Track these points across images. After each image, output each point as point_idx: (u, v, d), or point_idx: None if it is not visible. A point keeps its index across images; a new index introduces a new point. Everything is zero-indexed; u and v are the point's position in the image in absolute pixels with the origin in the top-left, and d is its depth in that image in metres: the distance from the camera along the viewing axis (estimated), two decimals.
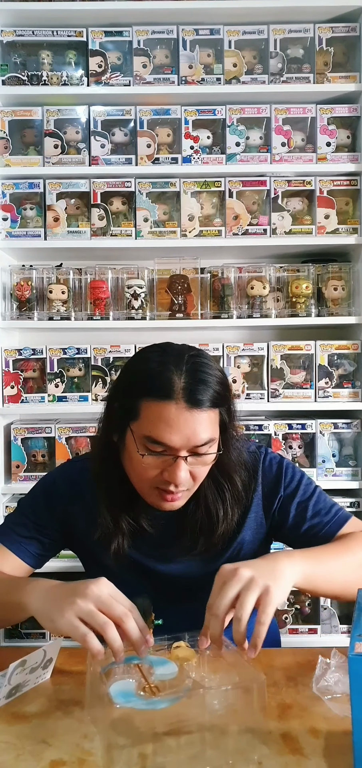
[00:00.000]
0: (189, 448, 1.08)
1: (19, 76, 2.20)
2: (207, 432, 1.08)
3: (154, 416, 1.07)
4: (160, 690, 0.89)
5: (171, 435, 1.06)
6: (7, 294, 2.24)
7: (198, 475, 1.13)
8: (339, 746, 0.85)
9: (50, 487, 1.28)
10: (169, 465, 1.08)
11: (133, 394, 1.10)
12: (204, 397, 1.07)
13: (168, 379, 1.06)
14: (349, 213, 2.25)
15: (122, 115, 2.22)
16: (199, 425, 1.07)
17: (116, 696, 0.86)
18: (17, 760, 0.84)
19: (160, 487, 1.11)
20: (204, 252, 2.29)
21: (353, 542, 1.14)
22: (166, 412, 1.06)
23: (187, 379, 1.07)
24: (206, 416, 1.08)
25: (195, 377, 1.08)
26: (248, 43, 2.22)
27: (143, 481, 1.12)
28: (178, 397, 1.06)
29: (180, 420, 1.05)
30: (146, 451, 1.08)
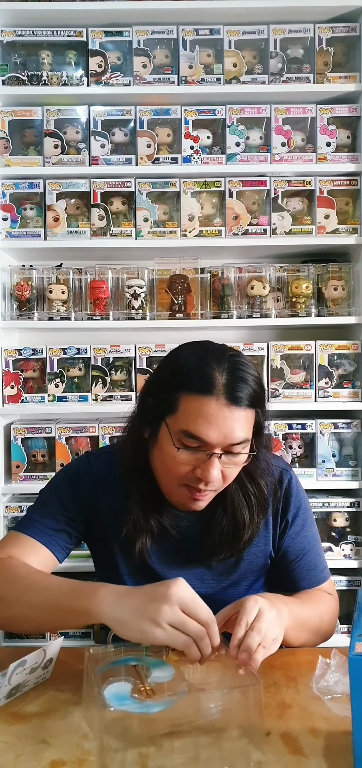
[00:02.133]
0: (225, 446, 1.07)
1: (19, 76, 2.20)
2: (244, 432, 1.08)
3: (192, 410, 1.06)
4: (156, 692, 0.89)
5: (209, 431, 1.05)
6: (7, 294, 2.24)
7: (229, 475, 1.12)
8: (339, 746, 0.85)
9: (75, 478, 1.26)
10: (203, 462, 1.07)
11: (171, 387, 1.10)
12: (244, 395, 1.07)
13: (209, 375, 1.06)
14: (349, 213, 2.25)
15: (122, 115, 2.22)
16: (238, 423, 1.07)
17: (110, 699, 0.86)
18: (17, 760, 0.84)
19: (190, 484, 1.10)
20: (204, 252, 2.29)
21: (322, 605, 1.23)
22: (205, 408, 1.05)
23: (228, 377, 1.07)
24: (244, 415, 1.08)
25: (236, 375, 1.08)
26: (248, 43, 2.22)
27: (173, 478, 1.11)
28: (218, 393, 1.05)
29: (219, 417, 1.05)
30: (181, 445, 1.07)
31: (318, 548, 1.31)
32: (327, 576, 1.30)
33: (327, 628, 1.23)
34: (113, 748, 0.82)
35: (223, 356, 1.10)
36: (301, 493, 1.30)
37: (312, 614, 1.19)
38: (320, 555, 1.30)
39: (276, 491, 1.25)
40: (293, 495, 1.26)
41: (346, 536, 2.20)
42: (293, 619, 1.08)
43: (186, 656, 0.93)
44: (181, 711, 0.85)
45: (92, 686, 0.90)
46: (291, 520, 1.25)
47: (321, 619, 1.21)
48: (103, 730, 0.83)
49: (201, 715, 0.85)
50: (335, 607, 1.29)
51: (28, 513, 1.25)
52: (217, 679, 0.94)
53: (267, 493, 1.20)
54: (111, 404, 2.21)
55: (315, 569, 1.27)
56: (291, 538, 1.26)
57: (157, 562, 1.22)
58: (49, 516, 1.21)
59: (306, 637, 1.16)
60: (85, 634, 2.21)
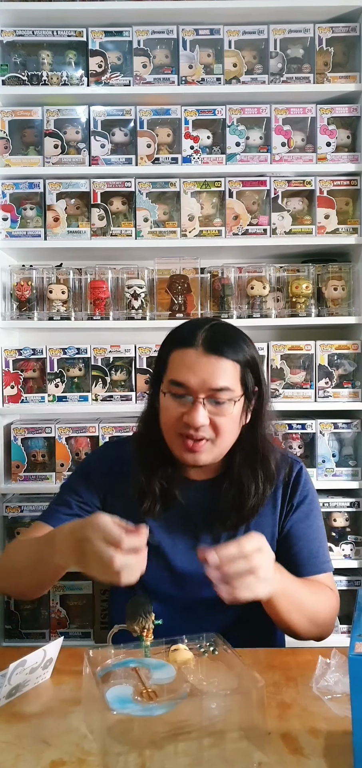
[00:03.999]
0: (206, 391, 1.18)
1: (19, 76, 2.20)
2: (224, 379, 1.19)
3: (177, 361, 1.21)
4: (158, 694, 0.89)
5: (189, 376, 1.19)
6: (7, 294, 2.24)
7: (220, 426, 1.20)
8: (339, 746, 0.85)
9: (89, 465, 1.41)
10: (189, 408, 1.19)
11: (164, 350, 1.27)
12: (222, 347, 1.20)
13: (192, 331, 1.22)
14: (349, 213, 2.25)
15: (122, 115, 2.22)
16: (216, 370, 1.19)
17: (113, 702, 0.86)
18: (17, 760, 0.84)
19: (183, 432, 1.20)
20: (204, 252, 2.29)
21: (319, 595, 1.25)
22: (187, 357, 1.20)
23: (208, 332, 1.21)
24: (223, 364, 1.20)
25: (216, 331, 1.23)
26: (248, 43, 2.21)
27: (169, 428, 1.22)
28: (198, 344, 1.20)
29: (198, 363, 1.19)
30: (169, 392, 1.21)
31: (322, 541, 1.34)
32: (328, 568, 1.32)
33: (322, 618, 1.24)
34: (115, 751, 0.82)
35: (209, 321, 1.29)
36: (310, 485, 1.36)
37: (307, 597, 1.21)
38: (323, 547, 1.33)
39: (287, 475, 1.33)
40: (301, 483, 1.34)
41: (346, 536, 2.20)
42: (286, 588, 1.13)
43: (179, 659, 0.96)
44: (183, 713, 0.85)
45: (93, 689, 0.89)
46: (296, 504, 1.32)
47: (315, 605, 1.22)
48: (105, 733, 0.83)
49: (204, 716, 0.85)
50: (334, 602, 1.29)
51: (50, 504, 1.40)
52: (219, 680, 0.94)
53: (274, 467, 1.28)
54: (111, 404, 2.21)
55: (316, 558, 1.30)
56: (295, 522, 1.31)
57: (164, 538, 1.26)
58: (64, 503, 1.34)
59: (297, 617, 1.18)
60: (84, 634, 2.21)
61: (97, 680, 0.90)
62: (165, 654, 0.99)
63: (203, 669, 0.96)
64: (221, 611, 1.16)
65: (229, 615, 1.22)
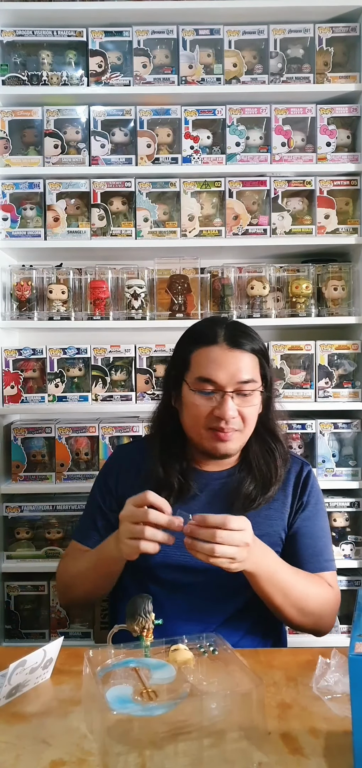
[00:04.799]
0: (234, 384, 1.27)
1: (19, 76, 2.20)
2: (249, 372, 1.28)
3: (202, 359, 1.29)
4: (158, 694, 0.89)
5: (217, 372, 1.27)
6: (7, 294, 2.24)
7: (247, 416, 1.29)
8: (339, 746, 0.85)
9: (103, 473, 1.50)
10: (218, 403, 1.27)
11: (184, 351, 1.34)
12: (244, 341, 1.29)
13: (212, 329, 1.31)
14: (349, 213, 2.25)
15: (122, 115, 2.22)
16: (242, 363, 1.28)
17: (113, 702, 0.86)
18: (17, 760, 0.84)
19: (213, 426, 1.28)
20: (204, 252, 2.29)
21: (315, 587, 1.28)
22: (212, 354, 1.28)
23: (228, 329, 1.31)
24: (247, 357, 1.29)
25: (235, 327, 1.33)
26: (248, 43, 2.21)
27: (198, 424, 1.29)
28: (221, 341, 1.28)
29: (224, 358, 1.27)
30: (198, 390, 1.28)
31: (327, 541, 1.38)
32: (331, 567, 1.35)
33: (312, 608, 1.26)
34: (115, 751, 0.82)
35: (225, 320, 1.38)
36: (318, 488, 1.43)
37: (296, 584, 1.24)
38: (327, 547, 1.37)
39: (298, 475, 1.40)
40: (310, 485, 1.40)
41: (346, 536, 2.20)
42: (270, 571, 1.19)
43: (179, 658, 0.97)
44: (183, 713, 0.85)
45: (93, 689, 0.89)
46: (305, 503, 1.37)
47: (304, 593, 1.25)
48: (105, 733, 0.83)
49: (204, 716, 0.85)
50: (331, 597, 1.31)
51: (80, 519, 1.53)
52: (219, 680, 0.94)
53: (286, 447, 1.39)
54: (111, 404, 2.21)
55: (320, 556, 1.34)
56: (303, 520, 1.36)
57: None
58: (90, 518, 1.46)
59: (282, 600, 1.22)
60: (85, 634, 2.21)
61: (97, 680, 0.90)
62: (165, 654, 0.99)
63: (203, 669, 0.96)
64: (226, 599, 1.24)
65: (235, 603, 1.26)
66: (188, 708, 0.86)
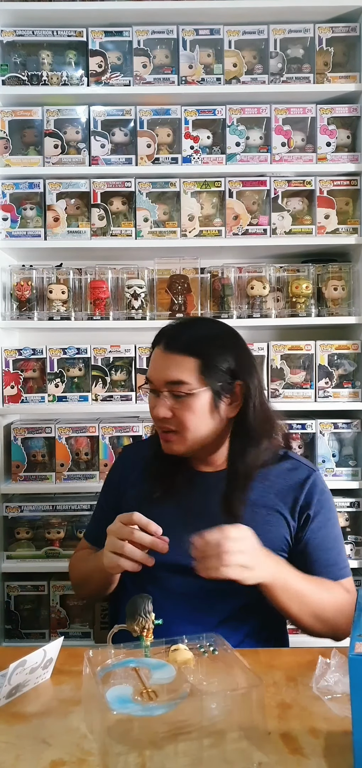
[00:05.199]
0: (163, 385, 1.27)
1: (19, 76, 2.20)
2: (177, 373, 1.26)
3: (150, 360, 1.34)
4: (158, 694, 0.88)
5: (151, 372, 1.31)
6: (7, 294, 2.24)
7: (182, 419, 1.27)
8: (339, 746, 0.85)
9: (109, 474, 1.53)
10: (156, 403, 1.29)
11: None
12: (179, 344, 1.28)
13: (162, 332, 1.33)
14: (349, 213, 2.25)
15: (122, 115, 2.22)
16: (171, 365, 1.27)
17: (113, 702, 0.86)
18: (17, 760, 0.84)
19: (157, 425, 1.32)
20: (204, 252, 2.29)
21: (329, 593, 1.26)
22: (153, 356, 1.32)
23: (171, 332, 1.31)
24: (177, 359, 1.27)
25: (181, 329, 1.33)
26: (248, 43, 2.21)
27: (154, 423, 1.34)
28: (160, 342, 1.31)
29: (157, 360, 1.30)
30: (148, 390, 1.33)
31: (340, 548, 1.35)
32: (346, 574, 1.33)
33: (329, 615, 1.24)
34: (115, 751, 0.82)
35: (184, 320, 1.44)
36: (327, 494, 1.37)
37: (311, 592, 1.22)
38: (341, 554, 1.34)
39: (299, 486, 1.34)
40: (316, 493, 1.34)
41: (346, 536, 2.20)
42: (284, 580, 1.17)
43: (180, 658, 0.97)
44: (183, 713, 0.85)
45: (93, 689, 0.89)
46: (313, 515, 1.32)
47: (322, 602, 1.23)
48: (105, 733, 0.83)
49: (204, 716, 0.85)
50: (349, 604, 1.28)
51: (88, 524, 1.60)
52: (219, 680, 0.94)
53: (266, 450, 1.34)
54: (111, 404, 2.21)
55: (335, 566, 1.31)
56: (313, 532, 1.32)
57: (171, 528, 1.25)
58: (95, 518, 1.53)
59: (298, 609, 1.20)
60: (84, 634, 2.21)
61: (97, 680, 0.90)
62: (165, 654, 0.98)
63: (203, 669, 0.96)
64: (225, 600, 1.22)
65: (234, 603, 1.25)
66: (188, 708, 0.86)
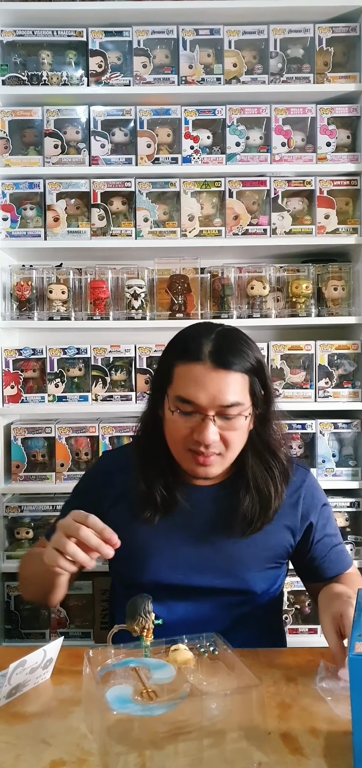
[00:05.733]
0: (216, 407, 1.14)
1: (19, 76, 2.20)
2: (234, 394, 1.15)
3: (184, 376, 1.16)
4: (158, 694, 0.88)
5: (198, 393, 1.14)
6: (7, 294, 2.24)
7: (230, 440, 1.17)
8: (339, 746, 0.85)
9: (83, 481, 1.40)
10: (198, 425, 1.15)
11: (168, 361, 1.21)
12: (231, 360, 1.15)
13: (197, 343, 1.16)
14: (349, 213, 2.25)
15: (122, 115, 2.22)
16: (225, 386, 1.14)
17: (113, 702, 0.86)
18: (17, 760, 0.84)
19: (192, 448, 1.17)
20: (204, 252, 2.28)
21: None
22: (194, 372, 1.14)
23: (215, 344, 1.16)
24: (233, 378, 1.15)
25: (223, 342, 1.17)
26: (248, 43, 2.21)
27: (178, 443, 1.19)
28: (205, 358, 1.14)
29: (206, 379, 1.13)
30: (177, 410, 1.16)
31: (340, 536, 1.35)
32: (352, 560, 1.34)
33: None
34: (115, 751, 0.82)
35: (213, 329, 1.20)
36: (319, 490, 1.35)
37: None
38: (342, 543, 1.35)
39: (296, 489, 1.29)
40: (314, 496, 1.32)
41: (346, 536, 2.20)
42: None
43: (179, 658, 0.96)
44: (183, 713, 0.85)
45: (93, 689, 0.89)
46: (315, 522, 1.30)
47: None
48: (105, 733, 0.83)
49: (204, 716, 0.85)
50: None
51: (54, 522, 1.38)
52: (219, 680, 0.94)
53: (286, 464, 1.26)
54: (111, 404, 2.21)
55: (342, 554, 1.32)
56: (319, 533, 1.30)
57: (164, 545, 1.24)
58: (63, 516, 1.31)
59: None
60: (84, 634, 2.21)
61: (97, 680, 0.90)
62: (165, 654, 0.98)
63: (203, 669, 0.96)
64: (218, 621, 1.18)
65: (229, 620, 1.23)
66: (188, 708, 0.86)
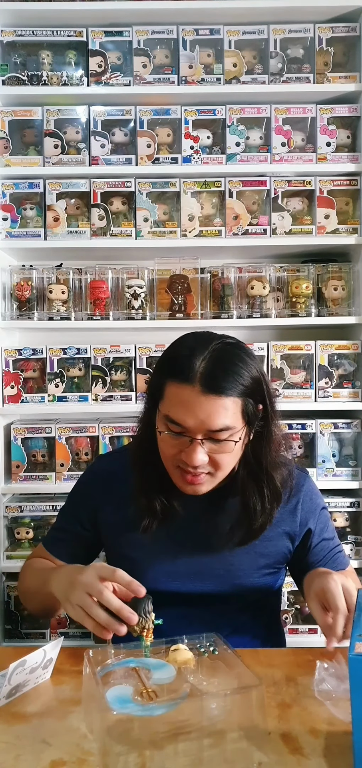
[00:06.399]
0: (204, 432, 1.10)
1: (19, 76, 2.20)
2: (224, 419, 1.10)
3: (173, 397, 1.11)
4: (158, 694, 0.88)
5: (185, 417, 1.09)
6: (7, 294, 2.24)
7: (220, 462, 1.14)
8: (339, 746, 0.85)
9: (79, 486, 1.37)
10: (186, 446, 1.11)
11: (161, 375, 1.16)
12: (222, 384, 1.09)
13: (189, 363, 1.10)
14: (349, 213, 2.25)
15: (122, 115, 2.22)
16: (215, 411, 1.09)
17: (113, 702, 0.86)
18: (17, 760, 0.84)
19: (181, 466, 1.14)
20: (204, 252, 2.29)
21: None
22: (183, 394, 1.09)
23: (208, 365, 1.10)
24: (223, 403, 1.09)
25: (217, 364, 1.11)
26: (248, 43, 2.21)
27: (166, 460, 1.16)
28: (195, 381, 1.08)
29: (195, 404, 1.08)
30: (166, 429, 1.12)
31: (337, 539, 1.35)
32: (349, 562, 1.35)
33: None
34: (115, 751, 0.82)
35: (208, 345, 1.13)
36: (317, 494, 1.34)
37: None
38: (340, 544, 1.34)
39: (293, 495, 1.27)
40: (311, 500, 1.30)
41: (346, 536, 2.20)
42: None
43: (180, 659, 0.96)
44: (183, 713, 0.85)
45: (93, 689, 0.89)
46: (314, 527, 1.29)
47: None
48: (105, 733, 0.83)
49: (204, 716, 0.85)
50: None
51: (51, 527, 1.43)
52: (219, 680, 0.94)
53: (280, 485, 1.22)
54: (111, 404, 2.21)
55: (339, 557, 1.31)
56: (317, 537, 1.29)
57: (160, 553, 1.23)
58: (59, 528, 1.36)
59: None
60: (84, 634, 2.21)
61: (97, 680, 0.90)
62: (165, 654, 0.98)
63: (203, 669, 0.96)
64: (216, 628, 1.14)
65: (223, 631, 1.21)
66: (188, 708, 0.86)
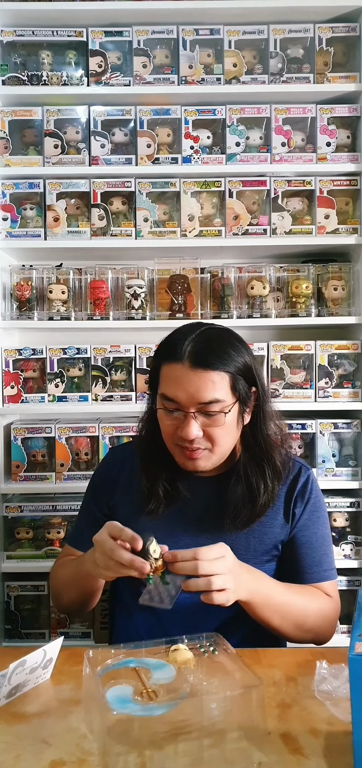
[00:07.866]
0: (195, 405, 1.19)
1: (19, 76, 2.20)
2: (212, 392, 1.19)
3: (166, 376, 1.23)
4: (158, 694, 0.89)
5: (177, 391, 1.20)
6: (7, 294, 2.24)
7: (215, 436, 1.22)
8: (339, 746, 0.85)
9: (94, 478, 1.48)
10: (181, 422, 1.21)
11: (157, 362, 1.28)
12: (209, 359, 1.20)
13: (178, 343, 1.22)
14: (349, 213, 2.25)
15: (122, 115, 2.22)
16: (203, 384, 1.19)
17: (113, 702, 0.86)
18: (17, 760, 0.84)
19: (180, 444, 1.23)
20: (204, 252, 2.29)
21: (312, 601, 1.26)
22: (175, 371, 1.21)
23: (195, 344, 1.21)
24: (210, 376, 1.19)
25: (203, 342, 1.22)
26: (248, 43, 2.21)
27: (167, 439, 1.26)
28: (184, 358, 1.20)
29: (185, 378, 1.19)
30: (162, 407, 1.23)
31: (327, 549, 1.34)
32: (330, 576, 1.32)
33: (312, 624, 1.25)
34: (115, 751, 0.82)
35: (197, 328, 1.25)
36: (318, 493, 1.37)
37: (296, 604, 1.22)
38: (328, 556, 1.34)
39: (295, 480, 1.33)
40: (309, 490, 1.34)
41: (346, 536, 2.20)
42: (264, 595, 1.17)
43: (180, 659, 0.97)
44: (183, 713, 0.85)
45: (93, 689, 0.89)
46: (301, 512, 1.32)
47: (304, 612, 1.23)
48: (105, 733, 0.83)
49: (204, 716, 0.85)
50: (330, 609, 1.29)
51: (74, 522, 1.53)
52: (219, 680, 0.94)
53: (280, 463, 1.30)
54: (111, 404, 2.21)
55: (319, 566, 1.31)
56: (300, 529, 1.32)
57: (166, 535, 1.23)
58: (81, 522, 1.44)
59: (280, 621, 1.20)
60: (84, 634, 2.21)
61: (97, 680, 0.90)
62: (165, 654, 0.98)
63: (203, 669, 0.96)
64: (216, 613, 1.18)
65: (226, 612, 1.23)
66: (188, 708, 0.86)
